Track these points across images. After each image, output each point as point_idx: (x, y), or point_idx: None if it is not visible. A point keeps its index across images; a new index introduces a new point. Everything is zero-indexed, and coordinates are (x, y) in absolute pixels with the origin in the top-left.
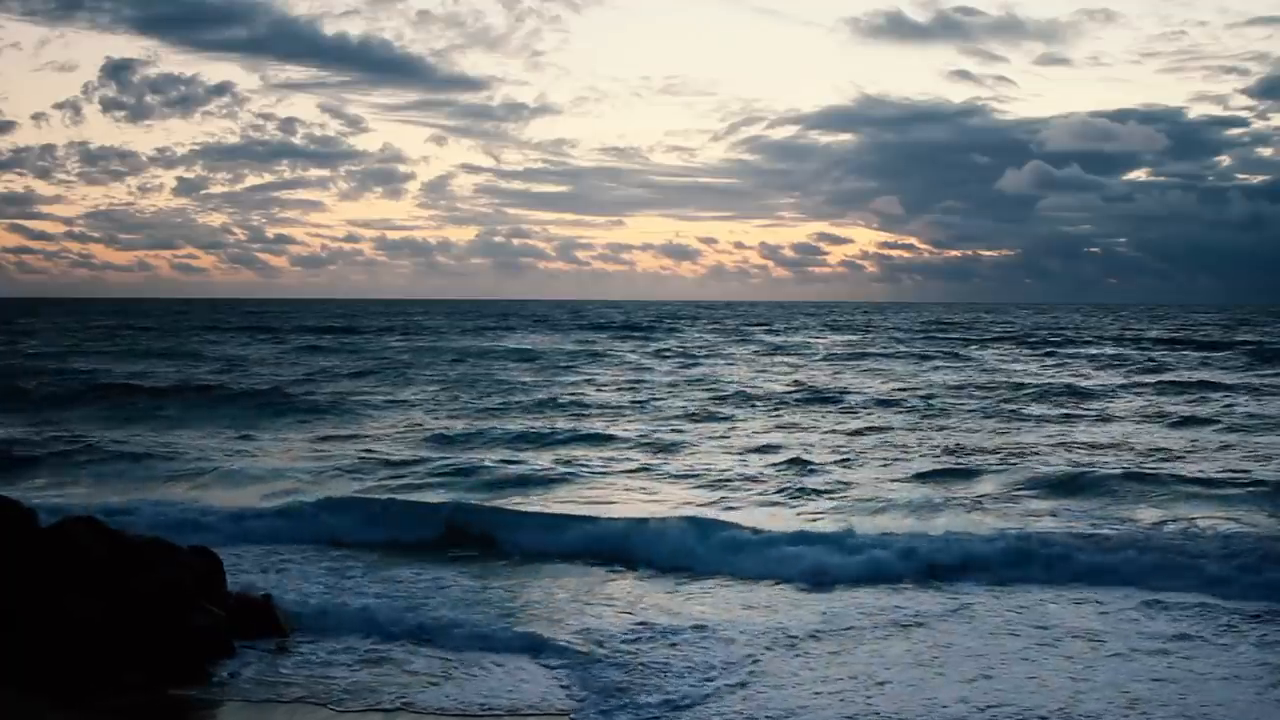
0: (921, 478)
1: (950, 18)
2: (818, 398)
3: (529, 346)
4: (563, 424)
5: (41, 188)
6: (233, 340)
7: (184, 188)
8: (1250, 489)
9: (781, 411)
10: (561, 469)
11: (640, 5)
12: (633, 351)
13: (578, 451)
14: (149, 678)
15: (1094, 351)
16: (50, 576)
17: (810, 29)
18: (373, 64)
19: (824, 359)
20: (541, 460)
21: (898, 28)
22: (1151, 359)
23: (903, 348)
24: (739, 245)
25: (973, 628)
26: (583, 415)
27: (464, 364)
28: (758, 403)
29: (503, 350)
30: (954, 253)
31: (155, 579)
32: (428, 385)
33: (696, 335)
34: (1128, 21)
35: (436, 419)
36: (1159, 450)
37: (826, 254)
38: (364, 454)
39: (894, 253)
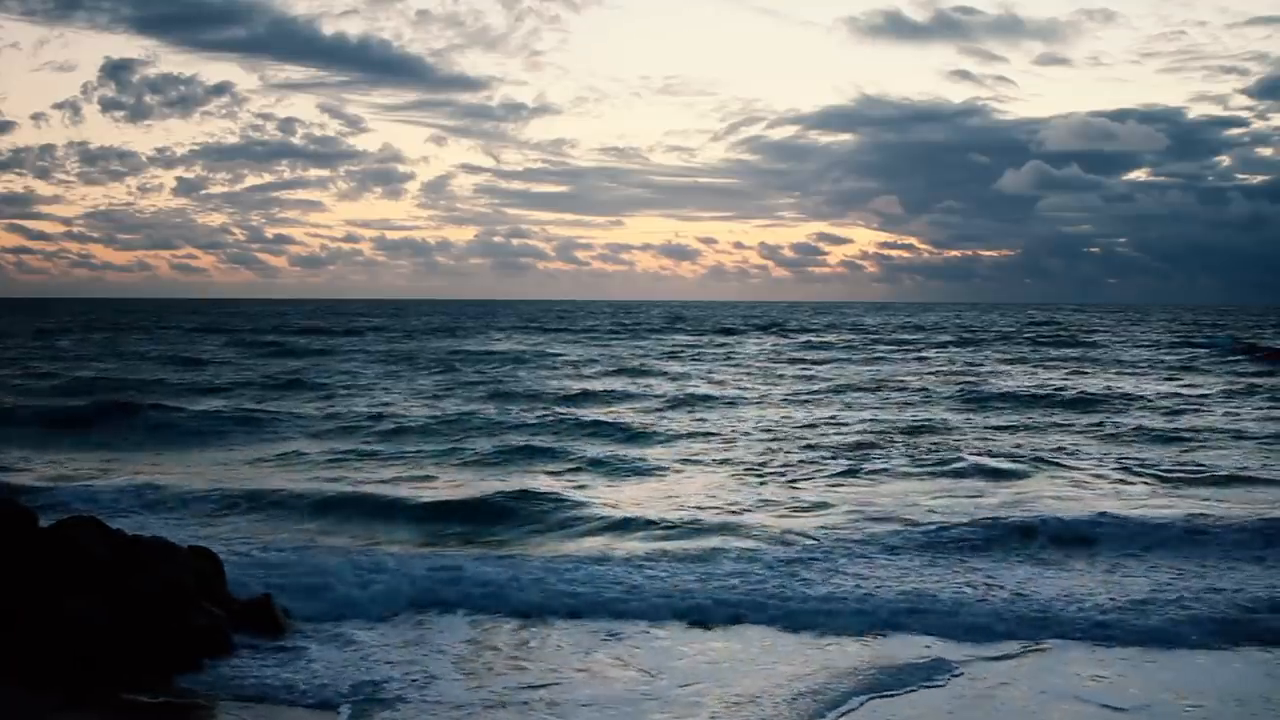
0: None
1: (949, 17)
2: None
3: (479, 349)
4: (475, 443)
5: (41, 188)
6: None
7: (183, 188)
8: None
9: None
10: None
11: (640, 5)
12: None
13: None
14: (150, 677)
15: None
16: (52, 577)
17: (809, 29)
18: (372, 64)
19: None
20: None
21: (897, 27)
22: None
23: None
24: (739, 245)
25: None
26: (482, 432)
27: (397, 374)
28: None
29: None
30: (954, 253)
31: (156, 579)
32: (350, 394)
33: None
34: (1127, 21)
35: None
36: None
37: (826, 254)
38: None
39: (894, 253)
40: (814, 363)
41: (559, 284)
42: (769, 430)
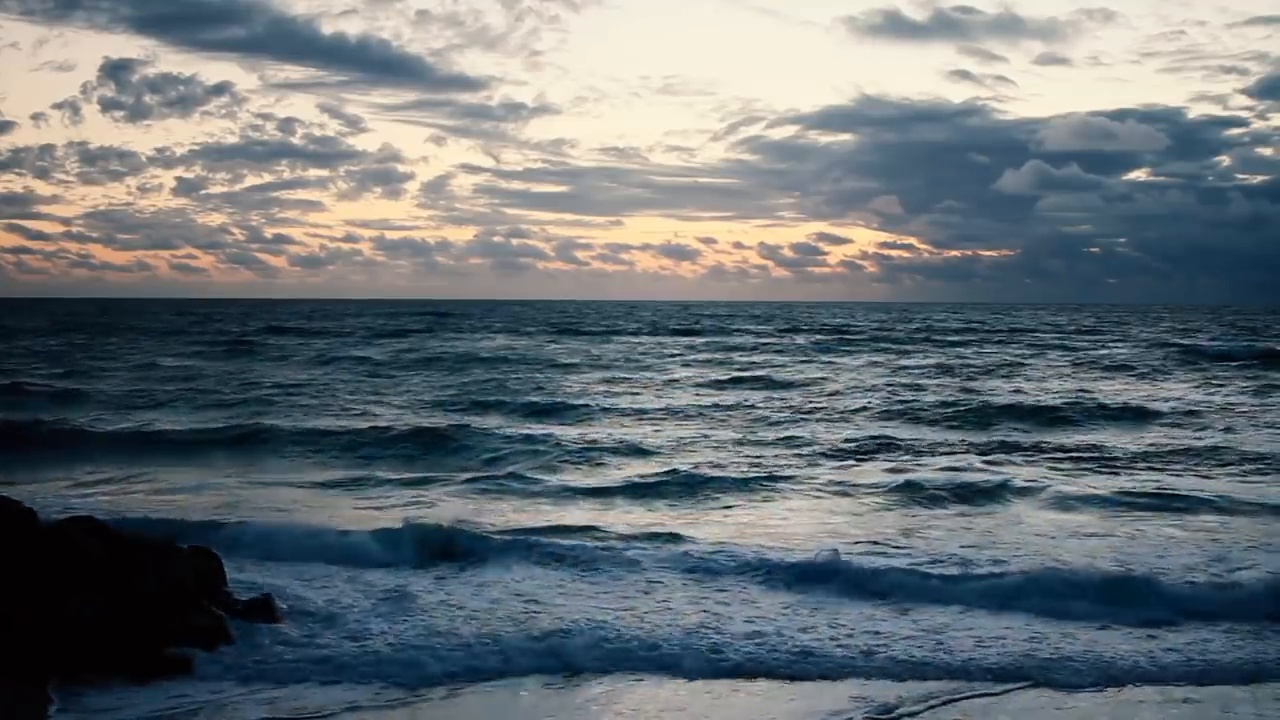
0: None
1: (948, 16)
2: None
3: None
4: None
5: (40, 188)
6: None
7: (183, 188)
8: None
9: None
10: None
11: (639, 5)
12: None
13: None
14: (149, 677)
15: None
16: (52, 576)
17: (809, 29)
18: (371, 64)
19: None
20: None
21: (896, 26)
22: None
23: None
24: (738, 245)
25: None
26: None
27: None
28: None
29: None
30: (954, 253)
31: (156, 578)
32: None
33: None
34: (1127, 21)
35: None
36: None
37: (826, 254)
38: None
39: (894, 253)
40: (795, 365)
41: (559, 284)
42: (723, 445)
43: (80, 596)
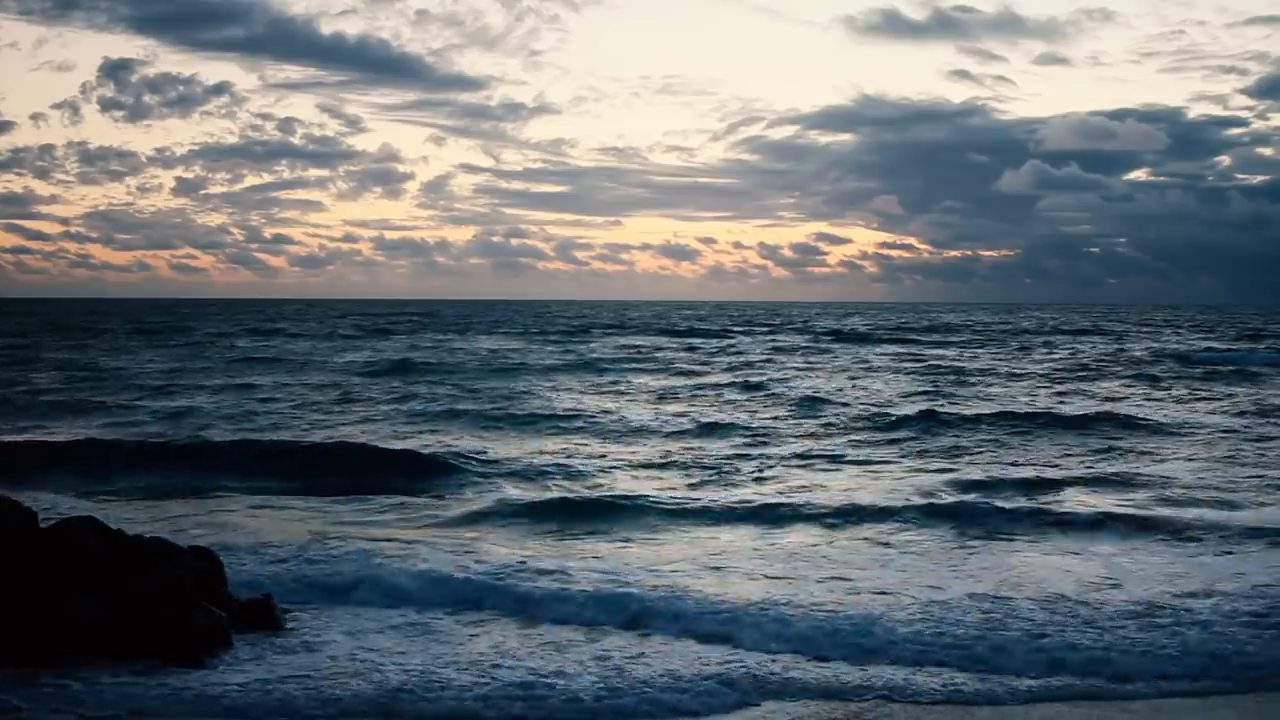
0: None
1: (948, 16)
2: None
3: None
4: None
5: (40, 188)
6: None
7: (183, 188)
8: None
9: None
10: None
11: (639, 5)
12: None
13: None
14: (150, 677)
15: None
16: (52, 576)
17: (809, 28)
18: (371, 63)
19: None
20: None
21: (895, 26)
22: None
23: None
24: (738, 245)
25: None
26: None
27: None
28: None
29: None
30: (953, 253)
31: (156, 579)
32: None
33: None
34: (1127, 21)
35: None
36: None
37: (826, 254)
38: None
39: (893, 253)
40: (777, 370)
41: (558, 284)
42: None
43: (81, 597)
